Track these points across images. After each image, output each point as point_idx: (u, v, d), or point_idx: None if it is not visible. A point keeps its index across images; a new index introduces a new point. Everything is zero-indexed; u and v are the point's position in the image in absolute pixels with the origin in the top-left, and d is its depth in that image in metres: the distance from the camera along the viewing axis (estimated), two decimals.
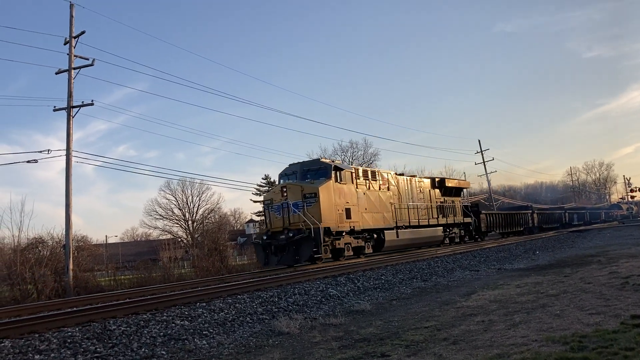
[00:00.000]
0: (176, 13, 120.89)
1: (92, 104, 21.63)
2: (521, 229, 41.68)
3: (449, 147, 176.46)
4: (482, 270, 16.88)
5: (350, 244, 20.42)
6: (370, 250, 21.82)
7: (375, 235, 22.00)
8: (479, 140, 65.73)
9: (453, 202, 30.75)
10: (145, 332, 7.94)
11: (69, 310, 10.31)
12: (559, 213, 56.37)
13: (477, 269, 17.05)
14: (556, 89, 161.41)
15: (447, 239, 29.12)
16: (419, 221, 25.61)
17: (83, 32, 22.17)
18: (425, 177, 29.50)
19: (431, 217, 27.27)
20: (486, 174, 62.71)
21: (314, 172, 20.06)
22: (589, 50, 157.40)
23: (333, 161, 21.01)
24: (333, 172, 19.85)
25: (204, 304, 9.98)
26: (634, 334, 6.00)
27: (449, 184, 30.60)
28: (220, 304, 10.01)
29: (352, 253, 20.72)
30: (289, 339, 7.70)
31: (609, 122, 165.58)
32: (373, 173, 23.24)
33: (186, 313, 9.17)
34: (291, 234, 18.35)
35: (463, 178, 37.35)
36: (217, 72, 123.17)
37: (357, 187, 21.11)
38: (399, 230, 23.41)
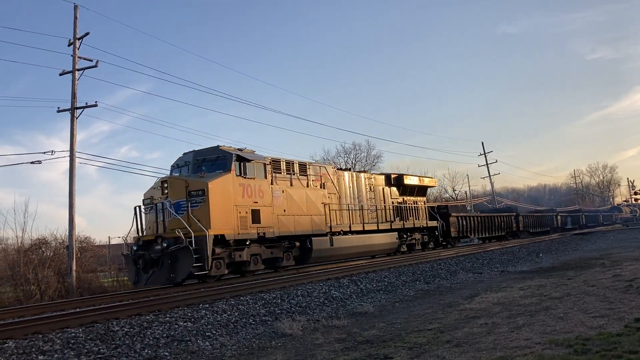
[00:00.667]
0: (178, 14, 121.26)
1: (95, 105, 21.68)
2: (503, 233, 37.84)
3: (452, 149, 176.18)
4: (485, 272, 16.86)
5: (259, 255, 16.44)
6: (292, 262, 17.95)
7: (298, 244, 18.09)
8: (482, 142, 65.38)
9: (415, 203, 26.80)
10: (149, 333, 7.96)
11: (72, 311, 10.35)
12: (550, 216, 52.19)
13: (481, 272, 17.03)
14: (559, 91, 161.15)
15: (404, 246, 25.01)
16: (363, 225, 21.67)
17: (87, 34, 22.24)
18: (378, 174, 25.77)
19: (383, 221, 23.34)
20: (489, 175, 62.60)
21: (210, 162, 15.99)
22: (593, 52, 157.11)
23: (240, 149, 16.69)
24: (235, 163, 15.78)
25: (207, 306, 10.01)
26: (637, 337, 5.99)
27: (408, 181, 26.46)
28: (223, 306, 10.03)
29: (263, 267, 16.84)
30: (291, 340, 7.70)
31: (613, 124, 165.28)
32: (302, 167, 19.09)
33: (189, 314, 9.20)
34: (165, 243, 14.24)
35: (430, 176, 31.92)
36: (219, 73, 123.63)
37: (273, 183, 17.14)
38: (334, 237, 19.35)
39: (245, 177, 16.00)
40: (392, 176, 25.82)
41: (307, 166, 19.52)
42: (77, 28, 22.25)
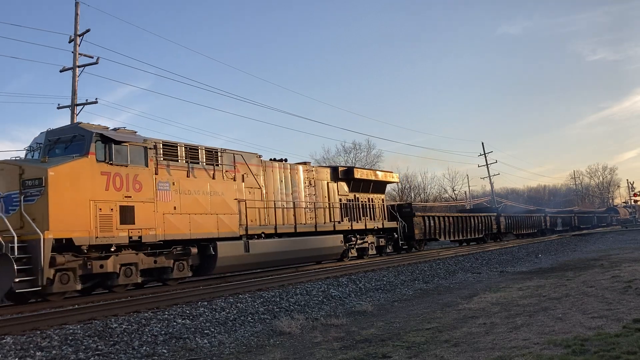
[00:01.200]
0: (180, 11, 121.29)
1: (96, 102, 21.74)
2: (481, 235, 34.61)
3: (452, 149, 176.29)
4: (484, 272, 16.86)
5: (134, 264, 12.78)
6: (187, 273, 14.23)
7: (196, 249, 14.26)
8: (482, 143, 65.19)
9: (371, 200, 23.47)
10: (147, 330, 7.95)
11: (71, 307, 10.34)
12: (537, 217, 48.34)
13: (479, 272, 17.03)
14: (559, 92, 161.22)
15: (353, 250, 21.56)
16: (295, 227, 18.24)
17: (88, 30, 22.30)
18: (322, 167, 22.26)
19: (326, 221, 20.14)
20: (489, 176, 62.64)
21: (64, 144, 12.58)
22: (593, 53, 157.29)
23: (116, 129, 13.34)
24: (96, 144, 12.25)
25: (206, 303, 10.01)
26: (636, 337, 6.00)
27: (360, 175, 22.82)
28: (222, 303, 10.03)
29: (140, 280, 13.10)
30: (290, 339, 7.70)
31: (613, 125, 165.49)
32: (210, 154, 15.32)
33: (187, 312, 9.19)
34: None
35: (391, 171, 27.20)
36: (220, 71, 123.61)
37: (158, 173, 13.44)
38: (251, 241, 15.80)
39: (112, 164, 12.42)
40: (340, 169, 22.47)
41: (219, 154, 15.63)
42: (78, 25, 22.28)
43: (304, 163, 20.61)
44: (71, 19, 22.53)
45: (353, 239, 21.38)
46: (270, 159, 18.71)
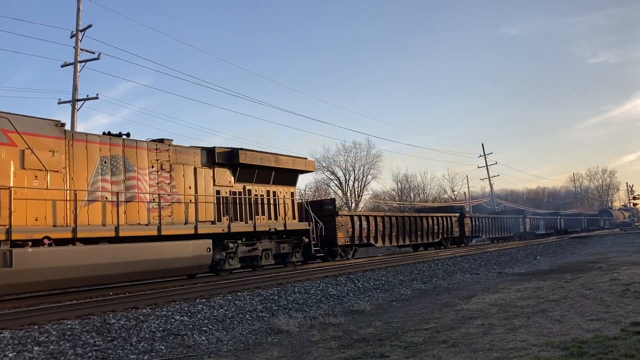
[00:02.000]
0: (181, 8, 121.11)
1: (96, 98, 21.73)
2: (437, 239, 29.50)
3: (452, 150, 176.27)
4: (482, 273, 16.86)
5: None
6: None
7: None
8: (482, 144, 65.21)
9: (272, 194, 18.28)
10: (145, 326, 7.95)
11: (69, 302, 10.35)
12: (515, 219, 43.55)
13: (478, 273, 17.03)
14: (560, 94, 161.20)
15: (234, 260, 16.18)
16: (117, 229, 12.75)
17: (90, 26, 22.28)
18: (189, 147, 15.98)
19: (187, 220, 14.93)
20: (489, 177, 62.67)
21: None
22: (594, 56, 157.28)
23: None
24: None
25: (204, 300, 10.02)
26: (634, 340, 6.00)
27: (248, 160, 16.98)
28: (220, 301, 10.03)
29: None
30: (287, 337, 7.70)
31: (613, 128, 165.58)
32: None
33: (186, 309, 9.19)
34: None
35: (305, 157, 20.54)
36: (221, 69, 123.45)
37: None
38: (15, 251, 10.59)
39: None
40: (218, 151, 16.45)
41: None
42: (79, 20, 22.27)
43: (161, 140, 15.03)
44: (73, 14, 22.50)
45: (232, 245, 16.07)
46: (104, 133, 13.63)
